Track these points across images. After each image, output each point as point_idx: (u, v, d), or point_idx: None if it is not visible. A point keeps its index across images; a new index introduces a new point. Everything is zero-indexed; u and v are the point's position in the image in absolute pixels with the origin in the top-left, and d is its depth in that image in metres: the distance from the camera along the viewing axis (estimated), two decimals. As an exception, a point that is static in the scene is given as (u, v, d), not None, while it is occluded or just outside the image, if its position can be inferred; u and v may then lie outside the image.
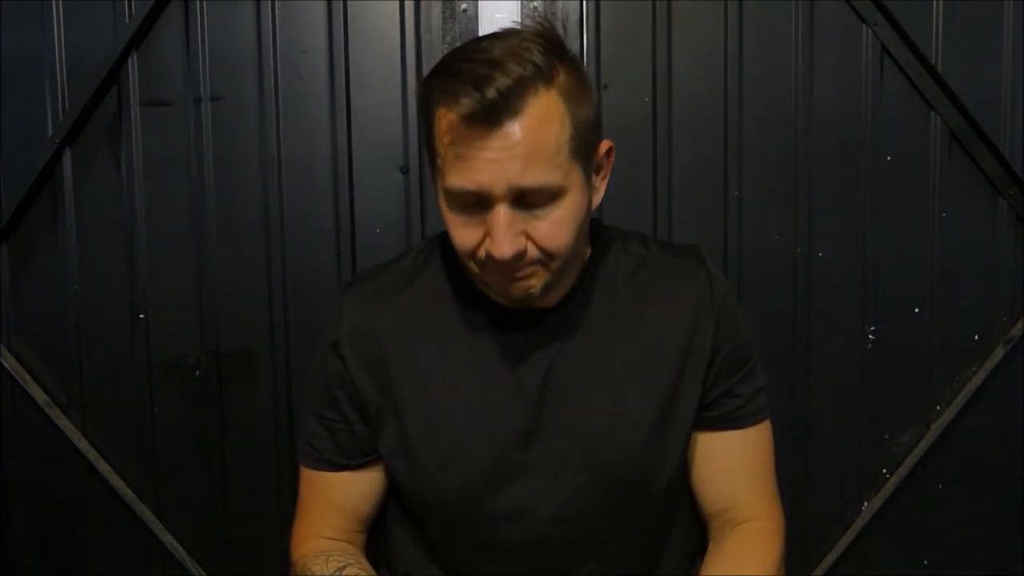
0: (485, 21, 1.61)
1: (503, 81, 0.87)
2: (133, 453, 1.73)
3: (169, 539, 1.73)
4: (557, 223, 0.93)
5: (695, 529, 1.15)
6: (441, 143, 0.93)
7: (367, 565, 1.09)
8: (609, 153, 1.02)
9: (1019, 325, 1.67)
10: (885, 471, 1.71)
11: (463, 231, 0.95)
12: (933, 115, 1.64)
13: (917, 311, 1.68)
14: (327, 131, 1.66)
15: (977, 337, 1.68)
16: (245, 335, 1.70)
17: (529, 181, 0.90)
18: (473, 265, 0.98)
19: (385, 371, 1.05)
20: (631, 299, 1.06)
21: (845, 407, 1.69)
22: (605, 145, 1.01)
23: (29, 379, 1.71)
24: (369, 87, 1.65)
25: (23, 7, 1.64)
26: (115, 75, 1.65)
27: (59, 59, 1.64)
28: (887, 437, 1.71)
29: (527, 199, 0.92)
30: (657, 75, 1.63)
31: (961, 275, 1.67)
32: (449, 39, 1.62)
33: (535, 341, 1.04)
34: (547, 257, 0.95)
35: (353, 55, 1.64)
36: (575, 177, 0.94)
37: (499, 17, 1.61)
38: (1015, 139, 1.63)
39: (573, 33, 1.61)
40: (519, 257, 0.93)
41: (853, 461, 1.70)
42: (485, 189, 0.90)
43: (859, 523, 1.70)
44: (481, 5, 1.62)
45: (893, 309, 1.68)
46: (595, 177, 1.01)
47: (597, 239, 1.10)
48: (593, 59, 1.62)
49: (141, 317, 1.70)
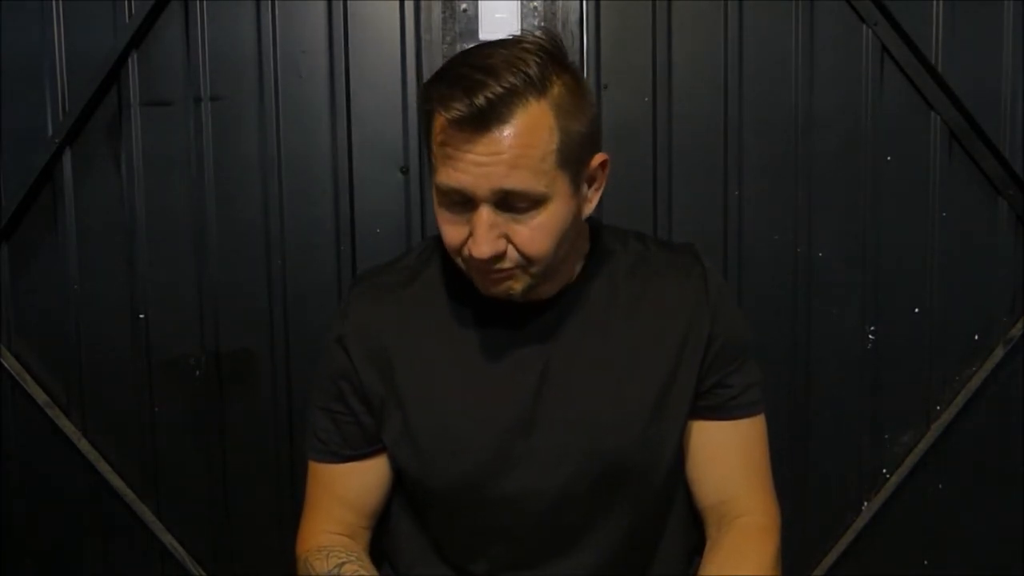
0: (485, 21, 1.61)
1: (494, 89, 0.91)
2: (133, 453, 1.73)
3: (169, 539, 1.73)
4: (538, 229, 0.97)
5: (692, 526, 1.17)
6: (435, 142, 0.97)
7: (367, 562, 1.11)
8: (604, 166, 1.05)
9: (1019, 325, 1.67)
10: (885, 471, 1.71)
11: (450, 228, 0.99)
12: (933, 115, 1.64)
13: (917, 311, 1.68)
14: (327, 131, 1.66)
15: (977, 337, 1.68)
16: (245, 335, 1.70)
17: (512, 184, 0.93)
18: (460, 261, 1.02)
19: (388, 363, 1.08)
20: (629, 293, 1.09)
21: (845, 407, 1.70)
22: (600, 158, 1.04)
23: (29, 379, 1.71)
24: (369, 87, 1.65)
25: (23, 7, 1.64)
26: (115, 75, 1.65)
27: (59, 59, 1.64)
28: (887, 437, 1.71)
29: (510, 203, 0.95)
30: (657, 75, 1.63)
31: (961, 275, 1.67)
32: (449, 39, 1.62)
33: (535, 333, 1.07)
34: (526, 262, 0.98)
35: (353, 55, 1.64)
36: (561, 186, 0.97)
37: (499, 17, 1.61)
38: (1015, 139, 1.63)
39: (573, 33, 1.61)
40: (498, 258, 0.97)
41: (853, 461, 1.71)
42: (469, 190, 0.94)
43: (859, 523, 1.71)
44: (481, 5, 1.62)
45: (893, 309, 1.68)
46: (587, 188, 1.04)
47: (596, 237, 1.13)
48: (593, 59, 1.62)
49: (141, 317, 1.70)
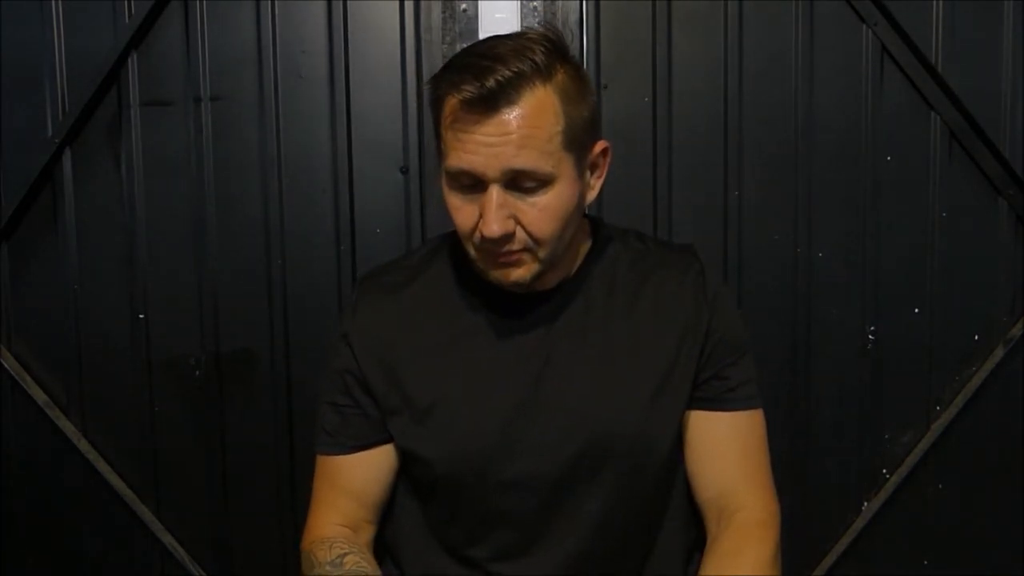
0: (485, 21, 1.61)
1: (503, 73, 0.95)
2: (133, 453, 1.73)
3: (169, 539, 1.73)
4: (545, 210, 1.00)
5: (692, 523, 1.17)
6: (445, 127, 1.00)
7: (369, 555, 1.12)
8: (605, 153, 1.08)
9: (1019, 325, 1.67)
10: (885, 471, 1.71)
11: (461, 213, 1.02)
12: (933, 115, 1.64)
13: (917, 311, 1.68)
14: (327, 131, 1.66)
15: (977, 337, 1.68)
16: (245, 335, 1.70)
17: (520, 164, 0.97)
18: (471, 248, 1.04)
19: (393, 356, 1.11)
20: (628, 285, 1.12)
21: (845, 407, 1.70)
22: (601, 145, 1.07)
23: (29, 379, 1.71)
24: (369, 87, 1.65)
25: (23, 7, 1.64)
26: (115, 75, 1.65)
27: (59, 59, 1.64)
28: (887, 437, 1.71)
29: (518, 183, 0.99)
30: (657, 75, 1.64)
31: (961, 275, 1.67)
32: (449, 39, 1.62)
33: (537, 322, 1.10)
34: (534, 243, 1.01)
35: (353, 55, 1.64)
36: (566, 168, 1.00)
37: (499, 17, 1.61)
38: (1015, 139, 1.63)
39: (573, 33, 1.61)
40: (507, 238, 1.00)
41: (853, 461, 1.71)
42: (479, 170, 0.97)
43: (859, 523, 1.71)
44: (481, 5, 1.62)
45: (893, 309, 1.68)
46: (590, 175, 1.07)
47: (597, 233, 1.16)
48: (593, 59, 1.62)
49: (141, 317, 1.70)
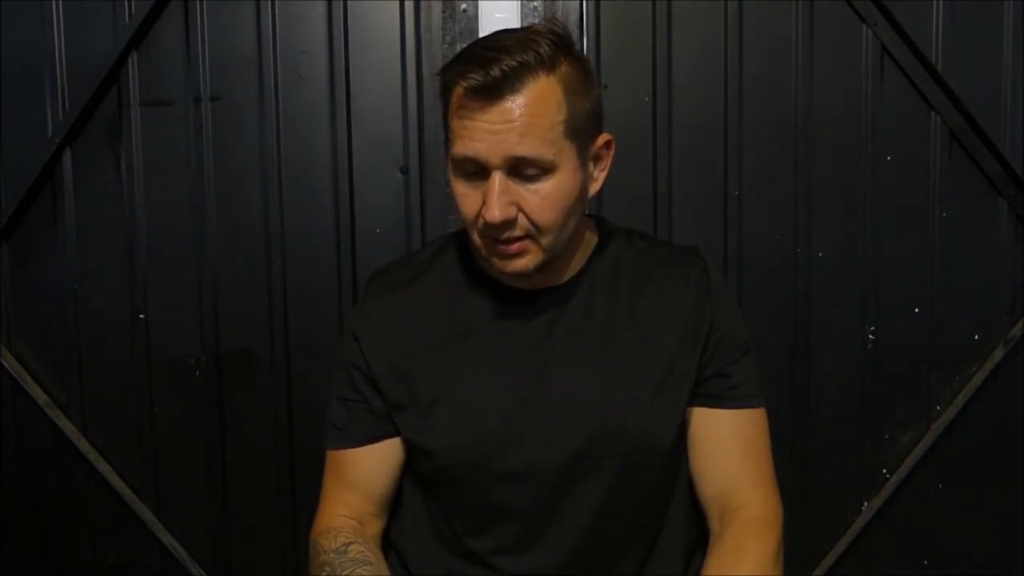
0: (485, 21, 1.61)
1: (508, 63, 0.98)
2: (133, 453, 1.73)
3: (169, 539, 1.73)
4: (546, 198, 1.01)
5: (694, 521, 1.17)
6: (451, 115, 1.03)
7: (374, 546, 1.13)
8: (609, 145, 1.09)
9: (1019, 325, 1.67)
10: (885, 471, 1.71)
11: (465, 200, 1.04)
12: (933, 115, 1.64)
13: (917, 311, 1.68)
14: (327, 131, 1.66)
15: (977, 337, 1.68)
16: (245, 335, 1.70)
17: (523, 151, 0.99)
18: (475, 236, 1.06)
19: (400, 351, 1.12)
20: (632, 282, 1.13)
21: (845, 407, 1.70)
22: (604, 138, 1.08)
23: (29, 379, 1.71)
24: (369, 87, 1.65)
25: (23, 7, 1.64)
26: (115, 75, 1.65)
27: (59, 59, 1.64)
28: (887, 437, 1.71)
29: (521, 170, 1.00)
30: (657, 75, 1.63)
31: (961, 275, 1.67)
32: (449, 39, 1.62)
33: (541, 317, 1.11)
34: (536, 230, 1.03)
35: (353, 55, 1.64)
36: (568, 157, 1.02)
37: (499, 17, 1.61)
38: (1015, 139, 1.63)
39: (573, 33, 1.61)
40: (509, 225, 1.01)
41: (853, 461, 1.71)
42: (483, 157, 0.99)
43: (859, 523, 1.71)
44: (481, 5, 1.62)
45: (893, 309, 1.68)
46: (593, 167, 1.08)
47: (601, 232, 1.17)
48: (593, 59, 1.62)
49: (141, 317, 1.70)
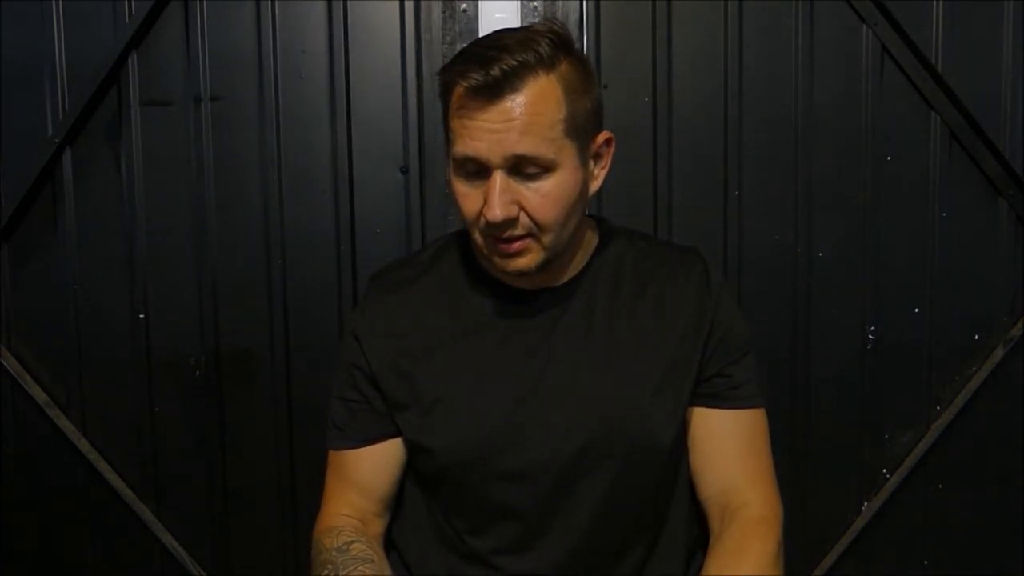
0: (485, 21, 1.61)
1: (508, 62, 0.98)
2: (133, 453, 1.73)
3: (169, 539, 1.73)
4: (547, 197, 1.01)
5: (694, 521, 1.17)
6: (452, 115, 1.03)
7: (376, 545, 1.13)
8: (609, 143, 1.10)
9: (1019, 325, 1.67)
10: (885, 471, 1.71)
11: (466, 199, 1.04)
12: (933, 115, 1.64)
13: (917, 311, 1.68)
14: (327, 131, 1.66)
15: (977, 337, 1.68)
16: (245, 335, 1.70)
17: (523, 150, 0.99)
18: (477, 235, 1.05)
19: (402, 350, 1.12)
20: (633, 282, 1.13)
21: (845, 407, 1.70)
22: (604, 135, 1.09)
23: (29, 379, 1.71)
24: (369, 87, 1.65)
25: (23, 7, 1.64)
26: (115, 75, 1.65)
27: (59, 59, 1.64)
28: (887, 437, 1.71)
29: (522, 169, 1.00)
30: (657, 75, 1.63)
31: (961, 275, 1.67)
32: (449, 39, 1.62)
33: (542, 317, 1.11)
34: (538, 228, 1.03)
35: (353, 55, 1.64)
36: (568, 155, 1.02)
37: (499, 17, 1.61)
38: (1015, 139, 1.63)
39: (573, 33, 1.61)
40: (510, 223, 1.01)
41: (853, 461, 1.71)
42: (484, 156, 0.99)
43: (859, 523, 1.71)
44: (481, 5, 1.62)
45: (893, 309, 1.68)
46: (593, 165, 1.09)
47: (602, 232, 1.17)
48: (593, 59, 1.62)
49: (141, 317, 1.70)
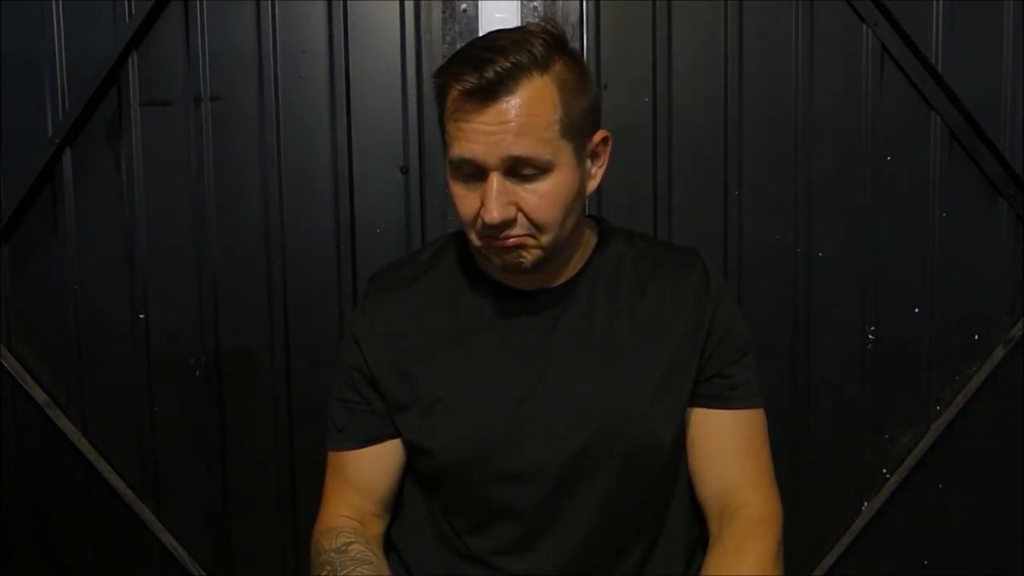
0: (485, 21, 1.61)
1: (502, 64, 0.98)
2: (133, 453, 1.73)
3: (169, 539, 1.73)
4: (545, 197, 1.01)
5: (694, 522, 1.17)
6: (448, 118, 1.03)
7: (375, 546, 1.13)
8: (606, 142, 1.09)
9: (1019, 325, 1.67)
10: (885, 471, 1.71)
11: (463, 202, 1.03)
12: (933, 115, 1.64)
13: (917, 311, 1.68)
14: (327, 131, 1.66)
15: (977, 337, 1.68)
16: (245, 335, 1.70)
17: (519, 151, 0.98)
18: (475, 237, 1.05)
19: (402, 351, 1.12)
20: (632, 282, 1.13)
21: (845, 407, 1.69)
22: (601, 134, 1.09)
23: (29, 379, 1.71)
24: (369, 87, 1.65)
25: (23, 7, 1.64)
26: (115, 75, 1.65)
27: (59, 59, 1.64)
28: (887, 437, 1.71)
29: (518, 170, 1.00)
30: (657, 75, 1.63)
31: (961, 275, 1.67)
32: (449, 39, 1.62)
33: (542, 318, 1.11)
34: (535, 229, 1.03)
35: (353, 55, 1.64)
36: (565, 156, 1.02)
37: (499, 17, 1.61)
38: (1015, 139, 1.63)
39: (573, 33, 1.61)
40: (508, 225, 1.01)
41: (853, 461, 1.71)
42: (480, 158, 0.99)
43: (859, 523, 1.71)
44: (481, 5, 1.62)
45: (893, 309, 1.68)
46: (591, 164, 1.08)
47: (602, 232, 1.17)
48: (593, 59, 1.62)
49: (141, 317, 1.70)
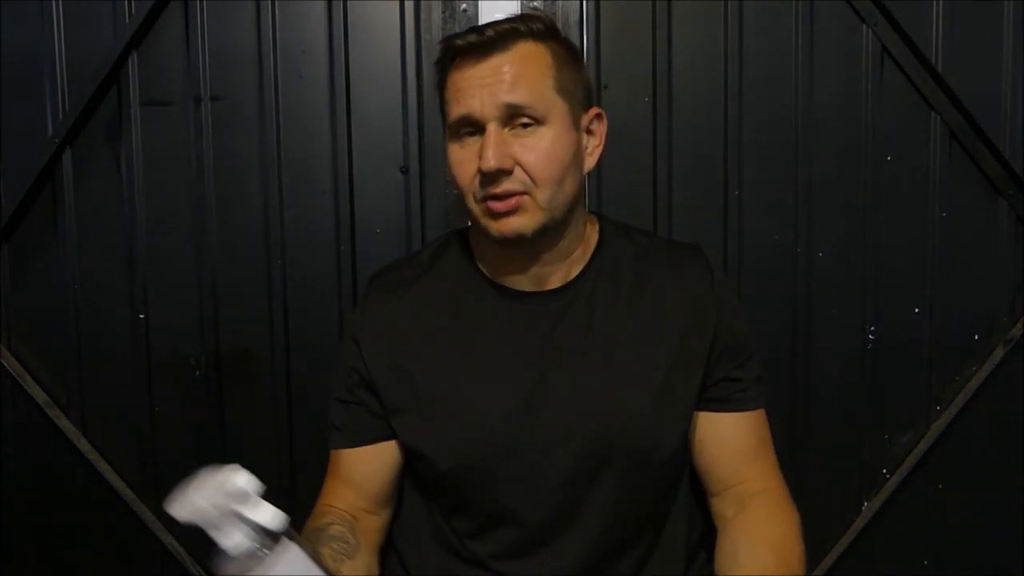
0: (485, 21, 1.61)
1: (500, 28, 1.07)
2: (133, 453, 1.73)
3: (169, 539, 1.73)
4: (542, 151, 1.05)
5: (696, 521, 1.18)
6: (447, 87, 1.09)
7: (359, 534, 1.13)
8: (600, 118, 1.13)
9: (1019, 325, 1.67)
10: (885, 471, 1.71)
11: (463, 167, 1.07)
12: (933, 115, 1.64)
13: (917, 311, 1.68)
14: (327, 131, 1.66)
15: (977, 337, 1.68)
16: (245, 335, 1.70)
17: (514, 98, 1.04)
18: (473, 203, 1.07)
19: (402, 352, 1.13)
20: (634, 281, 1.13)
21: (845, 407, 1.69)
22: (595, 110, 1.12)
23: (29, 379, 1.71)
24: (369, 87, 1.65)
25: (23, 7, 1.64)
26: (115, 75, 1.65)
27: (59, 59, 1.64)
28: (887, 437, 1.71)
29: (514, 120, 1.05)
30: (657, 75, 1.63)
31: (961, 275, 1.67)
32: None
33: (542, 319, 1.11)
34: (533, 183, 1.04)
35: (353, 55, 1.64)
36: (559, 113, 1.06)
37: (499, 17, 1.60)
38: (1015, 139, 1.63)
39: (573, 33, 1.61)
40: (506, 175, 1.04)
41: (853, 461, 1.71)
42: (477, 111, 1.04)
43: (859, 523, 1.70)
44: (481, 5, 1.62)
45: (893, 309, 1.68)
46: (587, 139, 1.11)
47: (603, 228, 1.18)
48: (593, 59, 1.62)
49: (141, 317, 1.70)
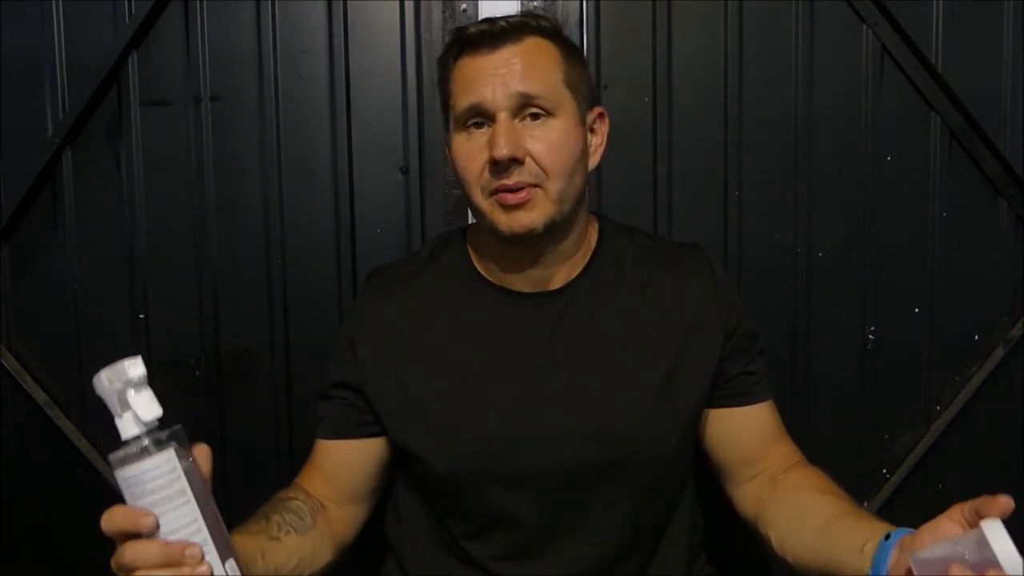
0: (485, 21, 1.61)
1: (510, 20, 1.06)
2: (133, 453, 1.73)
3: (169, 539, 1.73)
4: (555, 143, 1.05)
5: (698, 522, 1.17)
6: (455, 75, 1.08)
7: (318, 519, 1.11)
8: (602, 117, 1.13)
9: (1019, 325, 1.67)
10: (885, 471, 1.71)
11: (470, 160, 1.06)
12: (933, 115, 1.64)
13: (917, 311, 1.68)
14: (327, 131, 1.66)
15: (977, 337, 1.68)
16: (245, 335, 1.70)
17: (525, 87, 1.03)
18: (481, 198, 1.06)
19: (399, 351, 1.12)
20: (636, 281, 1.13)
21: (845, 407, 1.70)
22: (598, 109, 1.13)
23: (29, 379, 1.71)
24: (369, 87, 1.65)
25: (23, 7, 1.64)
26: (115, 75, 1.65)
27: (59, 59, 1.64)
28: (887, 437, 1.71)
29: (526, 110, 1.04)
30: (657, 75, 1.63)
31: (961, 275, 1.67)
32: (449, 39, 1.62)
33: (543, 319, 1.11)
34: (543, 174, 1.04)
35: (353, 55, 1.64)
36: (568, 107, 1.07)
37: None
38: (1015, 139, 1.63)
39: (573, 33, 1.61)
40: (517, 164, 1.03)
41: (853, 461, 1.71)
42: (487, 100, 1.03)
43: (859, 523, 1.71)
44: (481, 5, 1.62)
45: (893, 309, 1.68)
46: (591, 138, 1.11)
47: (603, 228, 1.18)
48: (593, 59, 1.62)
49: (141, 317, 1.70)
